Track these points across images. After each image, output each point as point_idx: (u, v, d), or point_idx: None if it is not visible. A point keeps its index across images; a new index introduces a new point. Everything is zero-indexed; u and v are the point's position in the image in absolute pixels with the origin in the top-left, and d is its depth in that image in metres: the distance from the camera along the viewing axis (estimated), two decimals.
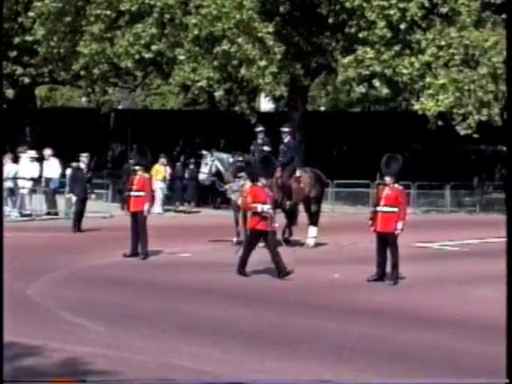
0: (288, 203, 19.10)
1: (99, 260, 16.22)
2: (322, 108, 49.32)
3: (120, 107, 46.72)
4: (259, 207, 14.40)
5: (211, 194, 28.64)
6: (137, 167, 17.53)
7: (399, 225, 14.16)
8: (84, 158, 22.99)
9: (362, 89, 38.75)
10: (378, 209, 14.35)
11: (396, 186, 14.48)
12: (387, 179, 14.48)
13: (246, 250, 14.56)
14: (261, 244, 18.89)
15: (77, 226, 21.39)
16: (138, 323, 10.58)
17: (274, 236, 14.63)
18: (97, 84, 30.21)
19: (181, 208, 29.42)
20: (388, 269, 14.23)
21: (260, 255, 17.85)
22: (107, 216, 24.69)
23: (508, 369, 6.66)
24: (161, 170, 28.50)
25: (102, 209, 25.18)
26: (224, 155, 19.49)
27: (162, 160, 28.86)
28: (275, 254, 14.38)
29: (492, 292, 13.67)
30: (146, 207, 16.92)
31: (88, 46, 28.06)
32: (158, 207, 27.85)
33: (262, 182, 14.78)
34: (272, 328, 10.59)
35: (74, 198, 21.98)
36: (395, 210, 14.24)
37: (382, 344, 9.84)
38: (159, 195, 28.20)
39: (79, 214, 21.67)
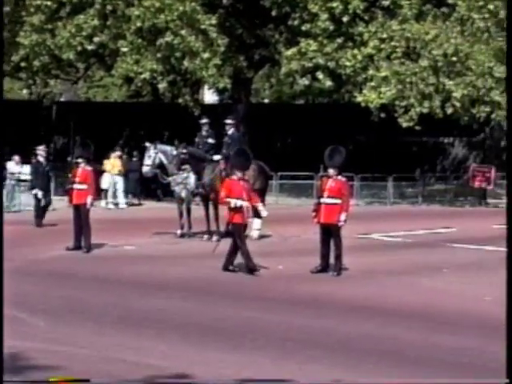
0: None
1: (42, 253, 16.04)
2: (266, 100, 49.35)
3: (62, 99, 46.18)
4: (232, 202, 14.19)
5: (155, 187, 28.47)
6: (79, 160, 17.40)
7: (342, 216, 14.26)
8: (41, 150, 22.36)
9: (305, 81, 38.75)
10: (322, 201, 14.43)
11: (339, 177, 14.56)
12: (330, 171, 14.56)
13: (243, 246, 14.22)
14: (214, 238, 18.87)
15: (40, 219, 21.11)
16: (80, 317, 10.49)
17: (245, 229, 14.44)
18: (38, 76, 29.83)
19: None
20: (332, 260, 14.32)
21: (203, 247, 17.86)
22: (50, 209, 24.37)
23: (508, 369, 6.72)
24: (117, 164, 28.01)
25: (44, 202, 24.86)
26: (168, 147, 19.41)
27: (118, 153, 28.35)
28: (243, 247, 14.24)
29: (435, 282, 13.88)
30: (89, 200, 16.80)
31: (28, 37, 27.67)
32: (119, 200, 27.57)
33: (238, 174, 14.57)
34: (216, 320, 10.59)
35: (40, 194, 21.50)
36: (338, 201, 14.34)
37: (326, 335, 9.90)
38: (119, 189, 27.76)
39: (41, 208, 21.31)
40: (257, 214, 19.29)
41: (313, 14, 28.33)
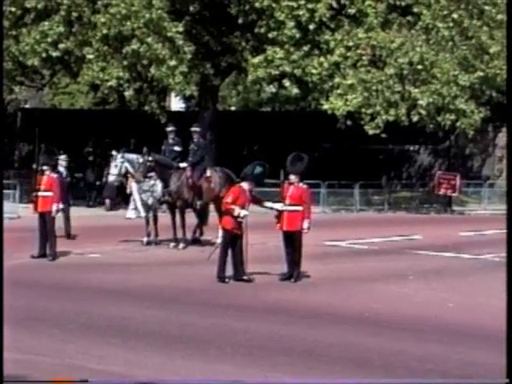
0: (198, 203, 19.11)
1: (6, 261, 15.79)
2: (233, 108, 49.39)
3: (27, 106, 45.85)
4: (237, 210, 14.03)
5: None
6: (44, 167, 17.26)
7: (305, 224, 14.29)
8: (62, 160, 21.31)
9: (272, 88, 39.00)
10: (284, 208, 14.45)
11: (301, 184, 14.58)
12: (292, 178, 14.57)
13: (222, 252, 14.06)
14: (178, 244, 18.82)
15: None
16: (45, 325, 10.42)
17: (241, 239, 14.26)
18: (2, 82, 29.56)
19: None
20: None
21: (169, 255, 17.82)
22: (14, 217, 24.19)
23: (508, 369, 6.76)
24: None
25: (8, 209, 24.64)
26: (134, 156, 19.33)
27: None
28: (237, 257, 14.09)
29: (401, 289, 13.95)
30: (54, 207, 16.69)
31: None
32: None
33: (248, 185, 14.35)
34: (182, 328, 10.56)
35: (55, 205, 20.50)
36: (300, 208, 14.37)
37: (292, 342, 9.90)
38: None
39: (68, 219, 20.00)
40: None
41: (279, 21, 28.40)
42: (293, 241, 14.29)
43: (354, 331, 10.62)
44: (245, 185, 14.42)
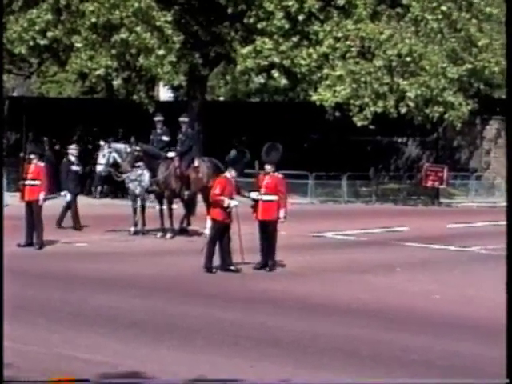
0: (186, 193, 19.10)
1: None
2: (221, 98, 49.30)
3: (14, 94, 45.64)
4: (226, 201, 14.01)
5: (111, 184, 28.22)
6: (32, 156, 17.21)
7: (281, 213, 14.34)
8: (73, 150, 21.14)
9: (260, 79, 38.85)
10: (259, 197, 14.48)
11: (276, 174, 14.61)
12: (267, 167, 14.59)
13: (211, 243, 14.08)
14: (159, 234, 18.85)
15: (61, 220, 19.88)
16: (31, 314, 10.40)
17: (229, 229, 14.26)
18: None
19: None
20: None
21: (156, 244, 17.81)
22: (4, 205, 24.09)
23: (508, 369, 6.78)
24: None
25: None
26: (121, 145, 19.30)
27: None
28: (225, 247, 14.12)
29: (388, 280, 14.00)
30: (41, 196, 16.66)
31: None
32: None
33: (232, 173, 14.34)
34: (168, 318, 10.56)
35: (68, 196, 20.01)
36: (275, 198, 14.41)
37: (280, 333, 9.92)
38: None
39: (66, 210, 19.97)
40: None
41: (268, 12, 28.37)
42: (268, 230, 14.32)
43: (341, 322, 10.65)
44: (229, 174, 14.42)
